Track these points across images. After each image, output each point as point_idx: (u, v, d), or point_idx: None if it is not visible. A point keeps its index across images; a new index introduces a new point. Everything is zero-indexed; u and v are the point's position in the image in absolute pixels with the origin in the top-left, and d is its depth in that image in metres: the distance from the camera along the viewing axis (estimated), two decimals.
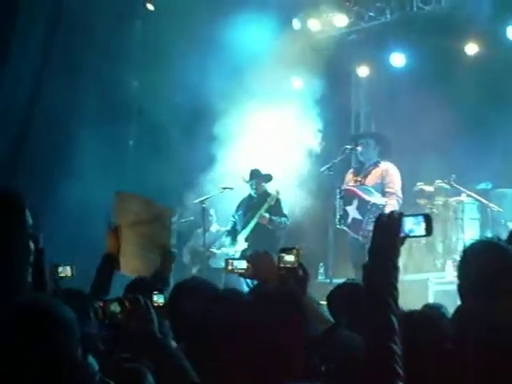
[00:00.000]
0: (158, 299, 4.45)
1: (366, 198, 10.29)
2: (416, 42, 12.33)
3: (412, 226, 3.03)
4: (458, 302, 3.78)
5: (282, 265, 3.81)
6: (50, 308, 2.83)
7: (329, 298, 4.44)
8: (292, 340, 2.62)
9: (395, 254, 2.99)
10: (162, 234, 5.83)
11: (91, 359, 2.96)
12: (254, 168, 11.49)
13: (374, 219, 9.65)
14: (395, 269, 3.00)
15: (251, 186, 11.51)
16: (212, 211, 12.55)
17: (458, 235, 10.83)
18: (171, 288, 4.79)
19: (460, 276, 3.54)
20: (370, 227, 9.93)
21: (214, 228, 12.62)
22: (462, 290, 3.52)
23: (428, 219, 3.03)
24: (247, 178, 11.48)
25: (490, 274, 3.30)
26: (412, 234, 3.05)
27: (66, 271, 5.70)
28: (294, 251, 3.84)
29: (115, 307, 4.04)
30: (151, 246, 5.78)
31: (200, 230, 12.17)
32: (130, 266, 5.64)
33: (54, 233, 9.87)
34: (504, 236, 4.20)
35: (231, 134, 12.45)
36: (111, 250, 5.60)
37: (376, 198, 10.25)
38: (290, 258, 3.82)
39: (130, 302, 3.88)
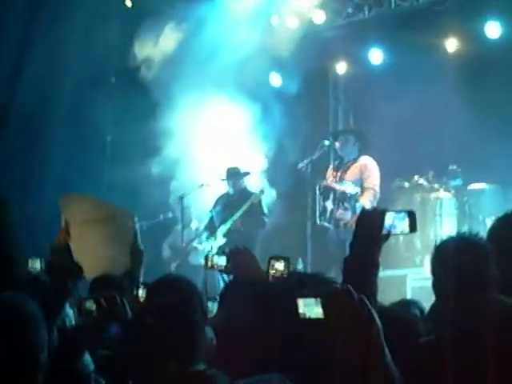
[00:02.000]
0: (144, 294, 4.44)
1: (337, 187, 10.35)
2: (394, 38, 12.34)
3: (395, 222, 2.97)
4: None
5: (271, 271, 3.79)
6: (17, 306, 2.84)
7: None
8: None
9: (377, 251, 2.95)
10: (125, 233, 5.77)
11: (87, 357, 2.94)
12: (230, 167, 11.49)
13: (343, 207, 9.66)
14: (376, 266, 2.97)
15: (228, 184, 11.52)
16: (192, 208, 12.56)
17: (436, 231, 10.85)
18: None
19: (433, 272, 3.52)
20: (339, 215, 9.99)
21: (193, 225, 12.60)
22: (435, 286, 3.50)
23: (412, 216, 2.98)
24: (223, 176, 11.49)
25: (461, 268, 3.27)
26: (395, 231, 2.98)
27: (35, 264, 5.57)
28: (284, 260, 3.82)
29: (90, 305, 4.01)
30: (113, 244, 5.72)
31: (179, 227, 12.14)
32: (93, 267, 5.53)
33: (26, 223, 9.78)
34: (482, 232, 4.19)
35: (205, 129, 12.39)
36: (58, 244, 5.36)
37: (345, 187, 10.31)
38: (279, 265, 3.80)
39: (105, 301, 3.85)
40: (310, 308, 2.52)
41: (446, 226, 10.81)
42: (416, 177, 11.24)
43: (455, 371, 2.85)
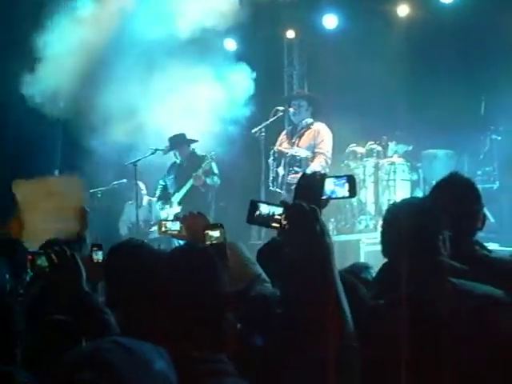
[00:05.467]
0: (96, 255, 4.47)
1: (286, 150, 10.39)
2: (348, 3, 12.37)
3: (335, 187, 2.99)
4: None
5: (208, 242, 3.78)
6: None
7: (257, 258, 4.42)
8: (203, 296, 2.65)
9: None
10: (73, 200, 5.87)
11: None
12: (172, 136, 11.43)
13: (293, 171, 9.72)
14: None
15: (174, 155, 11.50)
16: (142, 185, 12.40)
17: (389, 196, 10.90)
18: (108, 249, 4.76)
19: (381, 238, 3.53)
20: (290, 179, 10.02)
21: (145, 200, 12.45)
22: (383, 251, 3.52)
23: (351, 180, 3.00)
24: (167, 148, 11.44)
25: (407, 231, 3.29)
26: (335, 196, 3.01)
27: None
28: (219, 227, 3.82)
29: (42, 261, 4.03)
30: (61, 215, 5.79)
31: (131, 202, 12.08)
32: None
33: None
34: None
35: (160, 94, 12.28)
36: (15, 235, 5.48)
37: (294, 151, 10.35)
38: (215, 233, 3.79)
39: (56, 256, 3.86)
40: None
41: (399, 191, 10.87)
42: (370, 142, 11.28)
43: (406, 335, 2.88)
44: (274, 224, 2.86)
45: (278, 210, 2.86)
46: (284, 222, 2.74)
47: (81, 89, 11.96)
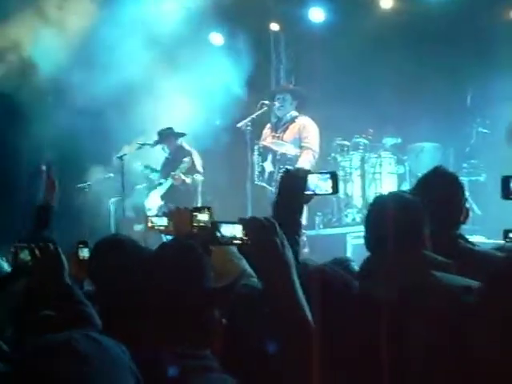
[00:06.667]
0: (82, 253, 4.47)
1: (275, 148, 10.40)
2: None
3: (318, 183, 3.03)
4: None
5: (195, 224, 3.79)
6: None
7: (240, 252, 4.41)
8: (189, 292, 2.66)
9: (298, 211, 3.00)
10: None
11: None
12: (161, 129, 11.40)
13: (283, 169, 9.78)
14: (298, 224, 3.02)
15: (162, 149, 11.48)
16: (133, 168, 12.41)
17: (376, 189, 10.93)
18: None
19: (365, 231, 3.54)
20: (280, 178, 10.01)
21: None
22: (366, 244, 3.53)
23: (334, 177, 3.03)
24: (155, 142, 11.41)
25: (386, 227, 3.30)
26: (318, 191, 3.04)
27: None
28: (207, 210, 3.83)
29: (25, 255, 4.03)
30: None
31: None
32: None
33: None
34: None
35: (146, 88, 12.23)
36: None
37: (285, 148, 10.37)
38: (203, 217, 3.80)
39: (39, 250, 3.87)
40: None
41: (385, 184, 10.89)
42: (356, 135, 11.29)
43: (390, 330, 2.89)
44: (236, 241, 2.88)
45: (239, 227, 2.88)
46: (245, 238, 2.75)
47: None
